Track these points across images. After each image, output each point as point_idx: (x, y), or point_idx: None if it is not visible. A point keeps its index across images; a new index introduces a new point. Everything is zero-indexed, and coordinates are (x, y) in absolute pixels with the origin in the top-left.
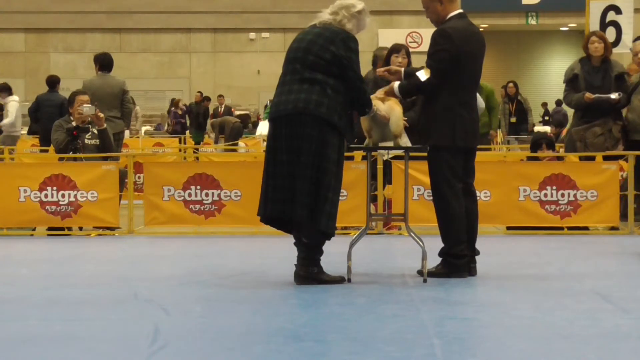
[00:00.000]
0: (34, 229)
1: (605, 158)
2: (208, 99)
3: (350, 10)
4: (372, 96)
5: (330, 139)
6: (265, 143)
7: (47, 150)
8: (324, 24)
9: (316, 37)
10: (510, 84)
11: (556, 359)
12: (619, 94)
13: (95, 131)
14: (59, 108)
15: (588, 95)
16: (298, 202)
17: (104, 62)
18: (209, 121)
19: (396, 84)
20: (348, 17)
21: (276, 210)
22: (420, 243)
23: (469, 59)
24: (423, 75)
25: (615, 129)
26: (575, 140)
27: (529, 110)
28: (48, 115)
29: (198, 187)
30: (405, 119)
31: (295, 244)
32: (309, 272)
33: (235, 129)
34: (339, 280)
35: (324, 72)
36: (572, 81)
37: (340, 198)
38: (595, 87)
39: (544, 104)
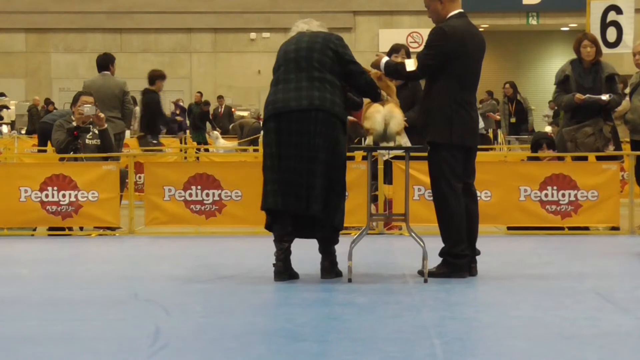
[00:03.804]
0: (34, 229)
1: (599, 159)
2: (207, 103)
3: (323, 25)
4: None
5: (341, 136)
6: None
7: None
8: (312, 31)
9: (314, 37)
10: (507, 85)
11: (556, 359)
12: (610, 95)
13: (96, 131)
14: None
15: (578, 96)
16: (313, 197)
17: (101, 63)
18: (231, 126)
19: (385, 58)
20: (321, 24)
21: (291, 205)
22: (421, 243)
23: (466, 59)
24: (411, 65)
25: (605, 129)
26: (566, 141)
27: (529, 110)
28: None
29: (199, 187)
30: (405, 119)
31: (280, 240)
32: (335, 264)
33: (254, 129)
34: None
35: (331, 71)
36: (563, 82)
37: None
38: (586, 88)
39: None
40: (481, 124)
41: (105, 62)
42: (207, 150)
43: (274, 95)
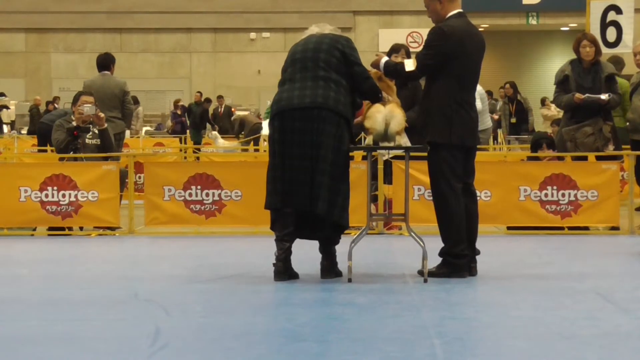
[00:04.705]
0: (34, 229)
1: (599, 159)
2: (209, 100)
3: (337, 29)
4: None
5: (345, 134)
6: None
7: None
8: (321, 33)
9: (322, 38)
10: (507, 85)
11: (556, 359)
12: (609, 95)
13: (96, 131)
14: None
15: (578, 95)
16: (318, 195)
17: (100, 62)
18: (234, 118)
19: (384, 58)
20: (339, 31)
21: (295, 203)
22: (421, 243)
23: (466, 59)
24: (410, 65)
25: (605, 128)
26: (565, 141)
27: (530, 110)
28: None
29: (198, 187)
30: (405, 119)
31: (280, 239)
32: (335, 264)
33: (254, 130)
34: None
35: (336, 71)
36: (562, 82)
37: None
38: (586, 88)
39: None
40: (489, 124)
41: (105, 62)
42: (208, 145)
43: (279, 95)
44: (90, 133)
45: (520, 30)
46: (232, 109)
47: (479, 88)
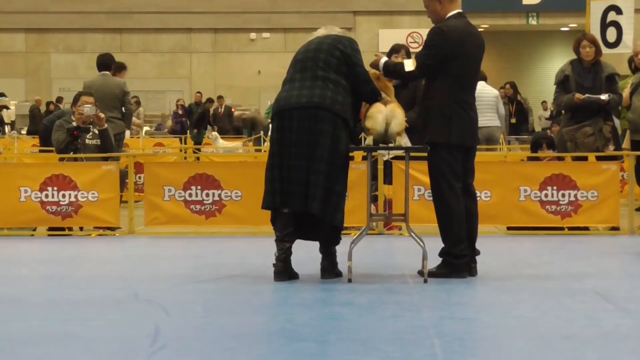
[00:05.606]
0: (34, 229)
1: (599, 159)
2: (211, 100)
3: (344, 32)
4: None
5: (342, 134)
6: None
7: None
8: (326, 34)
9: (324, 39)
10: (507, 85)
11: (556, 359)
12: (609, 95)
13: (96, 131)
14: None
15: (578, 96)
16: (313, 195)
17: (100, 62)
18: (240, 115)
19: (384, 59)
20: (343, 31)
21: (291, 204)
22: (421, 243)
23: (465, 59)
24: (409, 65)
25: (605, 129)
26: (566, 141)
27: (530, 110)
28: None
29: (198, 187)
30: (406, 119)
31: (281, 240)
32: (335, 264)
33: (266, 129)
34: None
35: (336, 71)
36: (562, 83)
37: None
38: (586, 88)
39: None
40: (486, 123)
41: (105, 62)
42: (208, 145)
43: (279, 95)
44: (90, 133)
45: (520, 30)
46: (232, 109)
47: (488, 87)
